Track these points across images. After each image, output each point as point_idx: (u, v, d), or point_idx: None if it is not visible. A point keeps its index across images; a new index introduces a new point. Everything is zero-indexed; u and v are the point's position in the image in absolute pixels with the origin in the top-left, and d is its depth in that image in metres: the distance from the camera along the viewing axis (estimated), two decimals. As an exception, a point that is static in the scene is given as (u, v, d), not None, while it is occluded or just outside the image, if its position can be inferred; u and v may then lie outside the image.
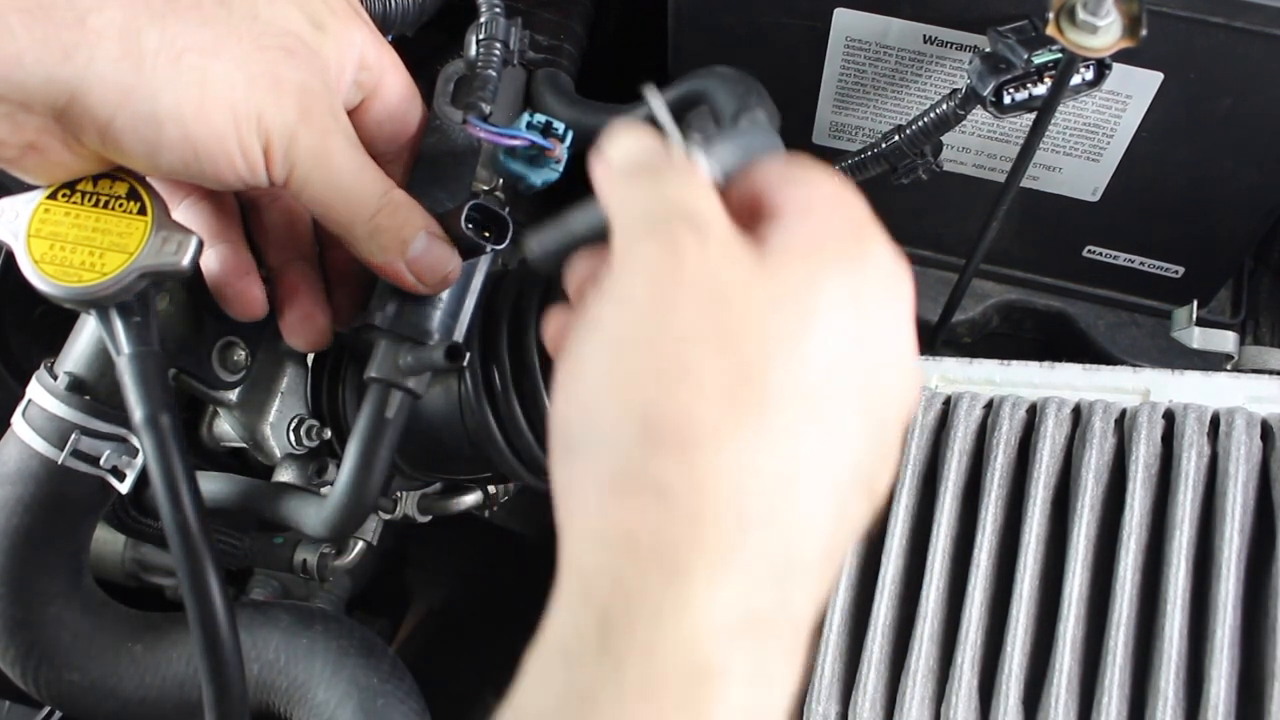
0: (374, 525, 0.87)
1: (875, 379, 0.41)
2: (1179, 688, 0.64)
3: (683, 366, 0.38)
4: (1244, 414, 0.69)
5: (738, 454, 0.38)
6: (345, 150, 0.56)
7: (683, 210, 0.41)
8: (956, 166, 0.87)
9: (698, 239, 0.40)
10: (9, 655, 0.67)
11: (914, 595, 0.70)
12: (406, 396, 0.61)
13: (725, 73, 0.63)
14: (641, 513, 0.37)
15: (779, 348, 0.39)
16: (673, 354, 0.39)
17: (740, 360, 0.39)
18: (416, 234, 0.58)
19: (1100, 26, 0.61)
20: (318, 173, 0.55)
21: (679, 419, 0.38)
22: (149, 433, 0.56)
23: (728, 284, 0.40)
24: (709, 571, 0.37)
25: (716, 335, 0.39)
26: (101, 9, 0.50)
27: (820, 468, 0.40)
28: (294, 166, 0.55)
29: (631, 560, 0.37)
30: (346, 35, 0.58)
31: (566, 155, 0.65)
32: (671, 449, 0.38)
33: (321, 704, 0.71)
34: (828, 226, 0.42)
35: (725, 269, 0.40)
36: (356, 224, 0.57)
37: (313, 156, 0.55)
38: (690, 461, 0.37)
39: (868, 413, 0.41)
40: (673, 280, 0.40)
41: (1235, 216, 0.86)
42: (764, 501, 0.38)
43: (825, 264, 0.41)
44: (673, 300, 0.39)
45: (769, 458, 0.38)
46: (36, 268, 0.56)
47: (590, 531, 0.39)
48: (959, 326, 0.99)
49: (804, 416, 0.39)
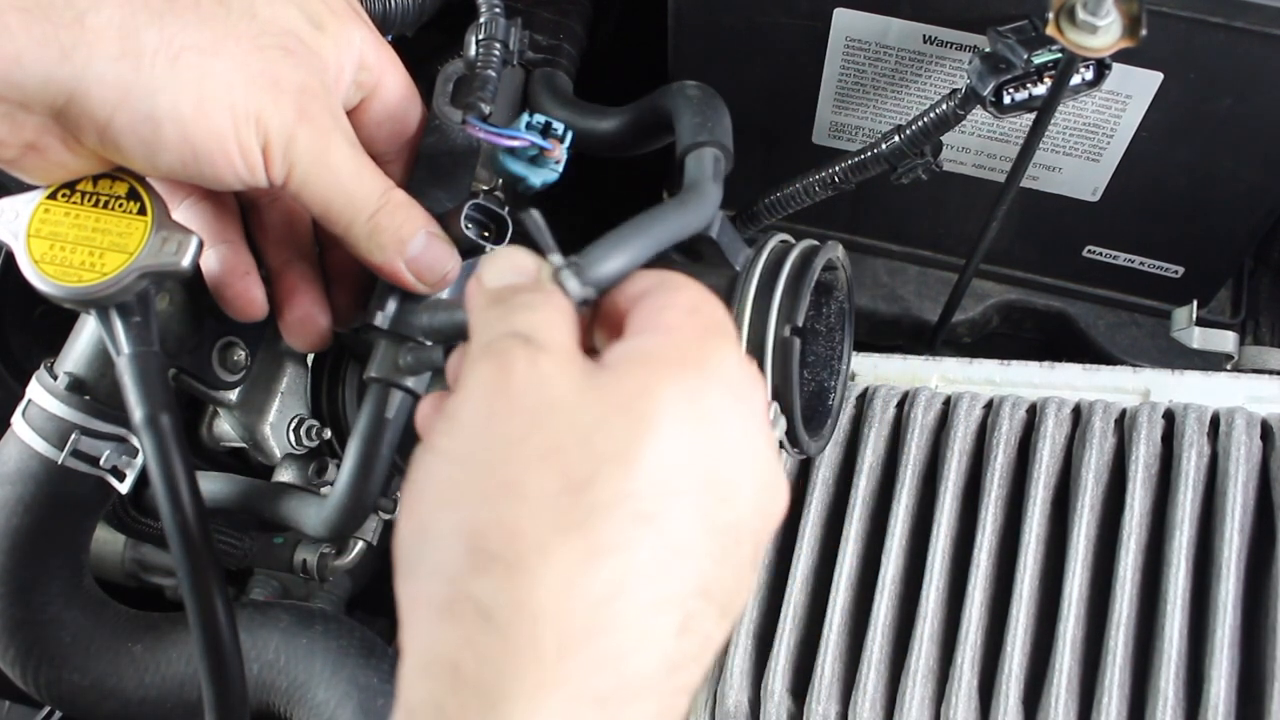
0: (374, 525, 0.87)
1: (720, 489, 0.40)
2: (1179, 688, 0.64)
3: (509, 483, 0.38)
4: (1244, 414, 0.69)
5: (562, 571, 0.37)
6: (344, 150, 0.56)
7: (521, 330, 0.41)
8: (956, 166, 0.87)
9: (529, 356, 0.40)
10: (9, 655, 0.67)
11: (914, 595, 0.70)
12: (407, 396, 0.61)
13: (691, 94, 0.64)
14: (464, 637, 0.36)
15: (608, 459, 0.38)
16: (500, 470, 0.38)
17: (567, 474, 0.38)
18: (415, 233, 0.58)
19: (1100, 26, 0.61)
20: (316, 172, 0.55)
21: (504, 537, 0.37)
22: (149, 433, 0.56)
23: (557, 398, 0.39)
24: (528, 701, 0.35)
25: (543, 450, 0.38)
26: (99, 8, 0.50)
27: (653, 581, 0.38)
28: (293, 166, 0.55)
29: (452, 691, 0.36)
30: (345, 35, 0.58)
31: (566, 156, 0.65)
32: (496, 569, 0.37)
33: (321, 704, 0.71)
34: (671, 337, 0.42)
35: (555, 383, 0.40)
36: (355, 224, 0.57)
37: (311, 156, 0.55)
38: (514, 582, 0.36)
39: (712, 523, 0.40)
40: (502, 396, 0.39)
41: (1235, 216, 0.86)
42: (589, 621, 0.36)
43: (661, 373, 0.40)
44: (501, 416, 0.39)
45: (596, 573, 0.37)
46: (36, 268, 0.56)
47: (418, 658, 0.38)
48: (959, 326, 0.99)
49: (635, 529, 0.38)
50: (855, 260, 0.96)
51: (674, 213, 0.56)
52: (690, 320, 0.43)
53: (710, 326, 0.43)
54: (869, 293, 0.99)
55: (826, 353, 0.70)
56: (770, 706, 0.70)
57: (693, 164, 0.61)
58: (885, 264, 1.01)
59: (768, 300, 0.60)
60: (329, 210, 0.57)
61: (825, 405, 0.70)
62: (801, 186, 0.80)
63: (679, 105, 0.64)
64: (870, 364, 0.81)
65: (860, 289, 0.99)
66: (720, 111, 0.64)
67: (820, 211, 0.85)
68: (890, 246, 1.00)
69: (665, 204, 0.57)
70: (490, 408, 0.40)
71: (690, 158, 0.61)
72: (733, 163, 0.62)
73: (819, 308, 0.70)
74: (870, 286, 1.00)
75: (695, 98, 0.64)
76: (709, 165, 0.60)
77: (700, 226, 0.58)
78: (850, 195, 0.82)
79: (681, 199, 0.58)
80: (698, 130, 0.62)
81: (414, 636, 0.39)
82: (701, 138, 0.62)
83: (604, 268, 0.46)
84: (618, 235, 0.49)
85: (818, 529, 0.74)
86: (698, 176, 0.60)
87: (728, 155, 0.62)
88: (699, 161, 0.61)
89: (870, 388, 0.77)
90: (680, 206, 0.57)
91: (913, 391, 0.76)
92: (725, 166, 0.62)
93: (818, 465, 0.75)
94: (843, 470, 0.75)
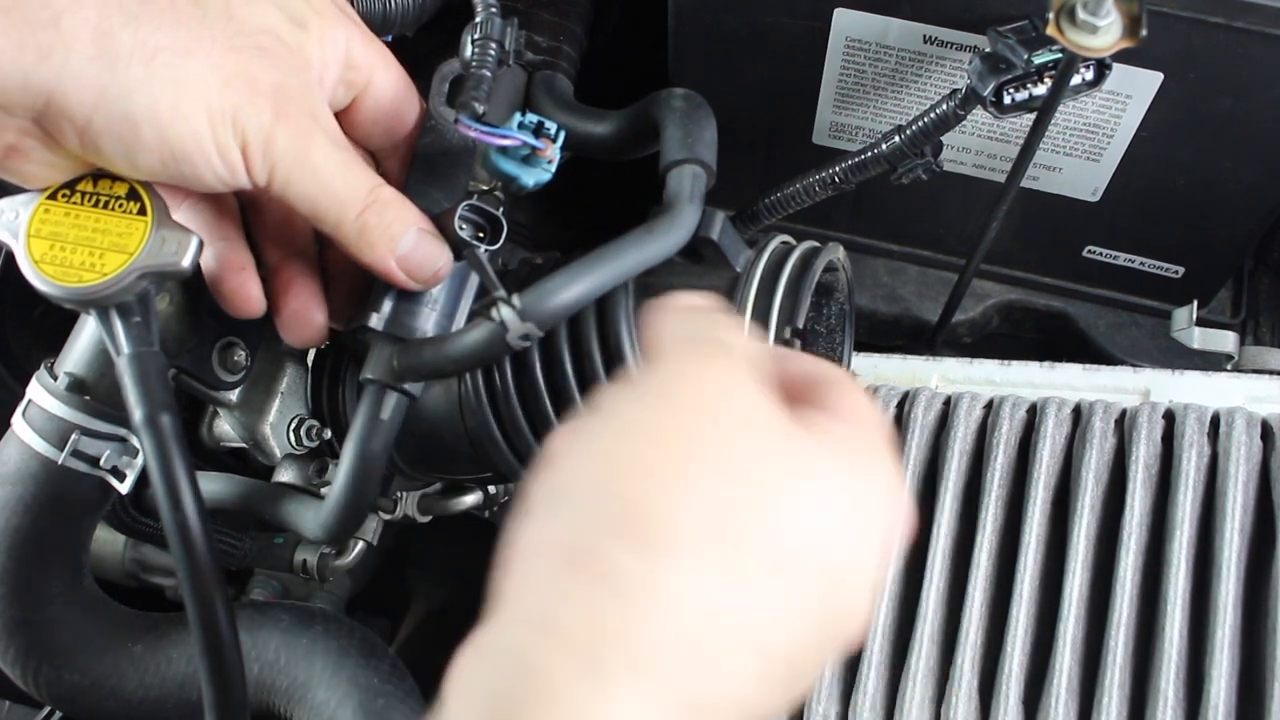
0: (374, 525, 0.87)
1: (844, 575, 0.41)
2: (1179, 688, 0.64)
3: (679, 471, 0.38)
4: (1244, 414, 0.69)
5: (698, 575, 0.37)
6: (325, 148, 0.56)
7: (724, 340, 0.43)
8: (956, 166, 0.87)
9: (729, 360, 0.41)
10: (9, 655, 0.67)
11: (914, 595, 0.70)
12: (402, 398, 0.61)
13: (676, 105, 0.64)
14: (580, 591, 0.36)
15: (775, 497, 0.39)
16: (675, 452, 0.38)
17: (735, 489, 0.38)
18: (406, 230, 0.58)
19: (1100, 26, 0.61)
20: (299, 172, 0.55)
21: (657, 517, 0.37)
22: (149, 433, 0.56)
23: (743, 411, 0.40)
24: (629, 674, 0.35)
25: (720, 455, 0.39)
26: (75, 9, 0.50)
27: (762, 630, 0.38)
28: (274, 166, 0.55)
29: (544, 641, 0.36)
30: (330, 33, 0.57)
31: (559, 156, 0.65)
32: (638, 540, 0.37)
33: (321, 704, 0.71)
34: (860, 429, 0.43)
35: (745, 395, 0.41)
36: (344, 222, 0.57)
37: (292, 156, 0.55)
38: (651, 559, 0.36)
39: (824, 601, 0.40)
40: (695, 384, 0.40)
41: (1235, 216, 0.86)
42: (699, 631, 0.37)
43: (845, 451, 0.42)
44: (689, 402, 0.40)
45: (721, 594, 0.37)
46: (36, 268, 0.56)
47: (517, 604, 0.37)
48: (959, 326, 0.99)
49: (770, 577, 0.38)
50: (855, 260, 0.96)
51: (636, 245, 0.57)
52: (868, 427, 0.44)
53: (883, 442, 0.44)
54: (869, 293, 0.99)
55: (827, 354, 0.70)
56: (770, 706, 0.70)
57: (673, 182, 0.62)
58: (885, 264, 1.01)
59: (768, 302, 0.60)
60: (315, 209, 0.57)
61: (825, 405, 0.70)
62: (801, 187, 0.80)
63: (664, 117, 0.65)
64: (870, 364, 0.81)
65: (860, 289, 0.99)
66: (704, 124, 0.64)
67: (820, 212, 0.85)
68: (890, 246, 1.00)
69: (630, 234, 0.57)
70: (680, 391, 0.40)
71: (671, 175, 0.62)
72: (714, 178, 0.63)
73: (819, 309, 0.70)
74: (870, 286, 1.00)
75: (680, 110, 0.65)
76: (688, 184, 0.61)
77: (672, 251, 0.58)
78: (850, 195, 0.82)
79: (649, 226, 0.58)
80: (679, 146, 0.63)
81: (517, 583, 0.38)
82: (682, 155, 0.62)
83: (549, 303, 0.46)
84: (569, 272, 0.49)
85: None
86: (674, 197, 0.61)
87: (709, 171, 0.63)
88: (678, 180, 0.61)
89: (870, 388, 0.77)
90: (646, 236, 0.58)
91: (913, 391, 0.76)
92: (707, 182, 0.62)
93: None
94: (843, 470, 0.75)
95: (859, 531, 0.41)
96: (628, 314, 0.60)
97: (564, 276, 0.51)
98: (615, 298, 0.60)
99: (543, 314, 0.46)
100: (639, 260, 0.57)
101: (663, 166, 0.63)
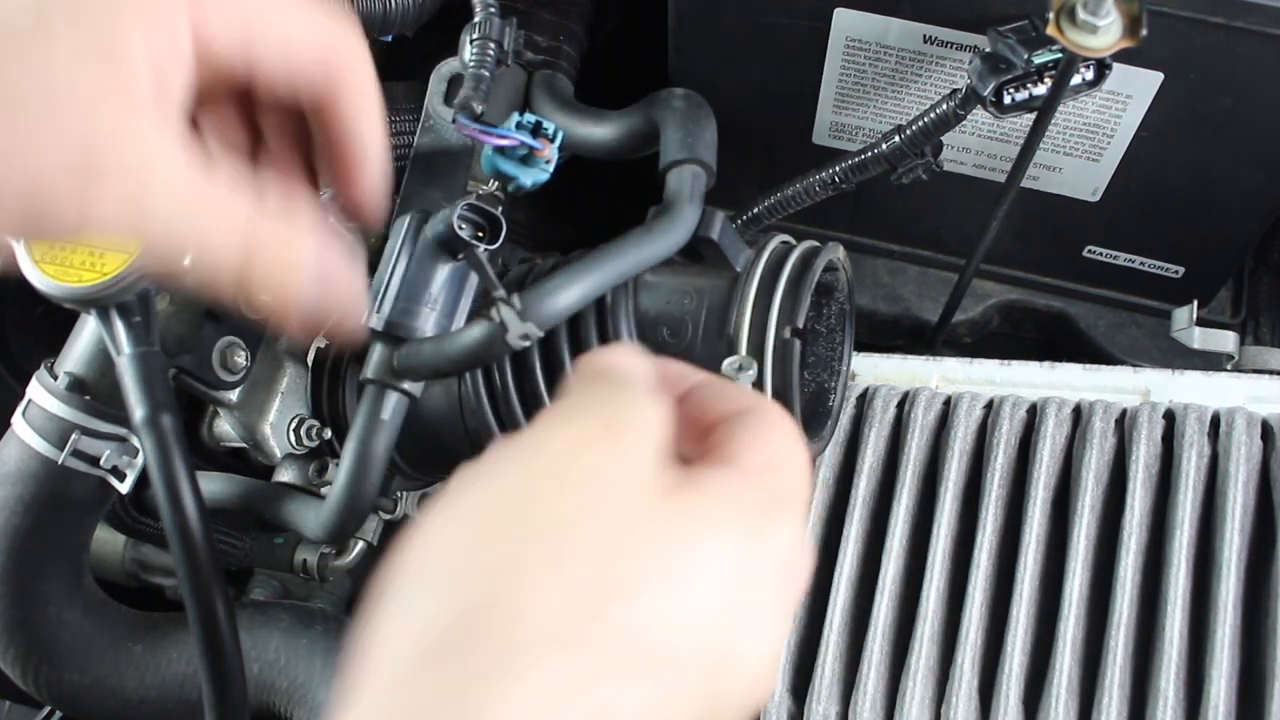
0: (375, 525, 0.87)
1: (728, 658, 0.38)
2: (1179, 688, 0.64)
3: (538, 562, 0.35)
4: (1244, 414, 0.69)
5: (554, 682, 0.34)
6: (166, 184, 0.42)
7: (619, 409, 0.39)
8: (956, 166, 0.87)
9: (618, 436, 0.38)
10: (9, 655, 0.67)
11: (914, 595, 0.70)
12: (403, 398, 0.61)
13: (676, 105, 0.64)
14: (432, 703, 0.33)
15: (641, 587, 0.36)
16: (535, 544, 0.36)
17: (597, 583, 0.35)
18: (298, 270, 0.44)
19: (1100, 26, 0.61)
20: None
21: (509, 616, 0.34)
22: (149, 433, 0.56)
23: (628, 488, 0.37)
24: None
25: (595, 540, 0.36)
26: None
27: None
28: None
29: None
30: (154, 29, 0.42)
31: (557, 156, 0.65)
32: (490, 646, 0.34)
33: (321, 704, 0.71)
34: (748, 486, 0.40)
35: (632, 474, 0.38)
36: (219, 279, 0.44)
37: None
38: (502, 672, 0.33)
39: (707, 689, 0.37)
40: (572, 464, 0.37)
41: (1235, 216, 0.86)
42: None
43: (723, 524, 0.38)
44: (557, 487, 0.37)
45: (584, 697, 0.34)
46: (36, 267, 0.56)
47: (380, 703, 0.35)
48: (959, 326, 0.99)
49: (635, 674, 0.35)
50: (855, 260, 0.96)
51: (636, 245, 0.57)
52: (771, 475, 0.41)
53: (788, 491, 0.41)
54: (869, 293, 0.99)
55: (827, 354, 0.70)
56: (770, 706, 0.70)
57: (673, 182, 0.62)
58: (885, 264, 1.01)
59: (768, 302, 0.60)
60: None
61: (825, 406, 0.70)
62: (802, 187, 0.80)
63: (665, 117, 0.65)
64: (870, 364, 0.81)
65: (860, 289, 0.99)
66: (704, 125, 0.65)
67: (820, 212, 0.85)
68: (890, 246, 1.00)
69: (630, 234, 0.58)
70: (551, 463, 0.37)
71: (671, 175, 0.62)
72: (714, 178, 0.63)
73: (819, 309, 0.70)
74: (870, 286, 1.00)
75: (680, 110, 0.65)
76: (687, 184, 0.61)
77: (672, 251, 0.58)
78: (850, 195, 0.82)
79: (649, 226, 0.59)
80: (679, 146, 0.63)
81: (372, 683, 0.35)
82: (682, 155, 0.63)
83: (549, 303, 0.45)
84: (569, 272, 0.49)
85: (818, 529, 0.74)
86: (674, 197, 0.61)
87: (709, 171, 0.63)
88: (678, 180, 0.62)
89: (870, 388, 0.77)
90: (646, 236, 0.58)
91: (913, 392, 0.76)
92: (707, 182, 0.62)
93: (818, 466, 0.75)
94: (843, 470, 0.75)
95: (748, 608, 0.38)
96: (628, 314, 0.60)
97: (564, 277, 0.51)
98: (616, 298, 0.60)
99: (543, 314, 0.46)
100: (639, 260, 0.57)
101: (663, 166, 0.63)
